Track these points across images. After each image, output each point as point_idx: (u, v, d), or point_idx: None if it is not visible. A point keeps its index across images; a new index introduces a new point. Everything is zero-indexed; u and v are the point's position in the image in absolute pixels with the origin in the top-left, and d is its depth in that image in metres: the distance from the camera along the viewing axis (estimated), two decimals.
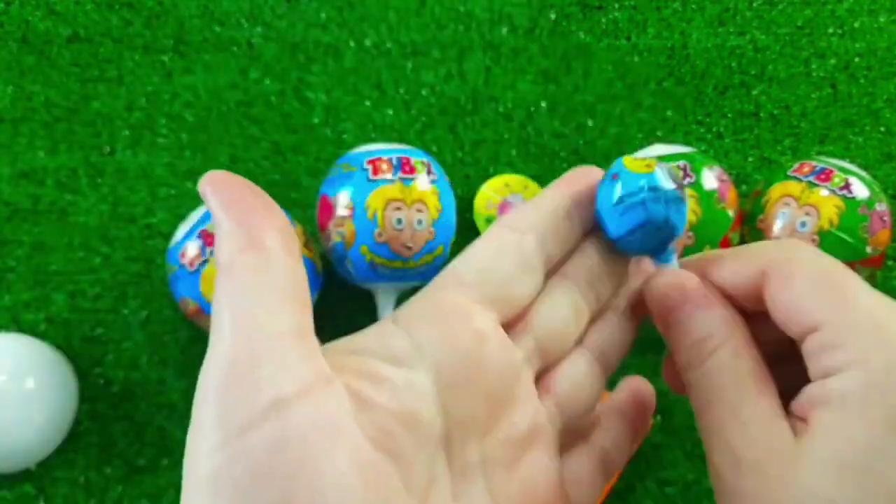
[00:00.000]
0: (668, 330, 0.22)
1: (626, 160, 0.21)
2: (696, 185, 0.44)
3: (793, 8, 0.59)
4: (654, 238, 0.21)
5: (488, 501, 0.19)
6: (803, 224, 0.45)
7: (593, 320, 0.24)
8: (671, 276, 0.22)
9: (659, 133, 0.56)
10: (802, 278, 0.19)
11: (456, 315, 0.20)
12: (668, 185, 0.21)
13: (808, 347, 0.19)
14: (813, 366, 0.19)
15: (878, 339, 0.18)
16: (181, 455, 0.18)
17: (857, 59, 0.58)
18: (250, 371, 0.16)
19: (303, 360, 0.17)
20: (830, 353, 0.18)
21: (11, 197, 0.53)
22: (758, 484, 0.18)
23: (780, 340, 0.21)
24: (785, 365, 0.21)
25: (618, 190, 0.21)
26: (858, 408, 0.17)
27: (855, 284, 0.19)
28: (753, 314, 0.21)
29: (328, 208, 0.46)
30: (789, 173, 0.47)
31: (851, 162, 0.54)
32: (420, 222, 0.45)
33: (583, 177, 0.23)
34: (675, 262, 0.22)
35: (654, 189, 0.20)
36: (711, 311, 0.21)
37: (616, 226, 0.21)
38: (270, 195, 0.57)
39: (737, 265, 0.21)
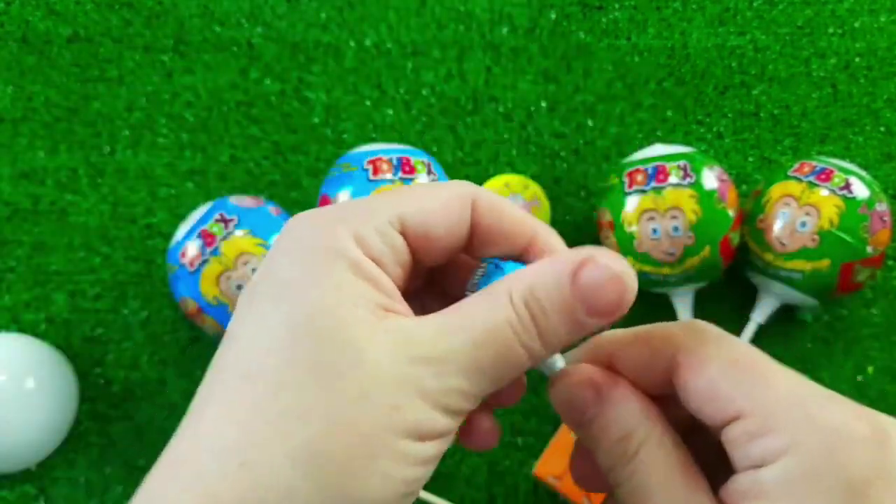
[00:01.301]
0: (583, 430, 0.21)
1: None
2: (697, 185, 0.44)
3: (793, 8, 0.59)
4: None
5: None
6: (803, 224, 0.45)
7: None
8: (578, 375, 0.21)
9: (659, 133, 0.56)
10: (716, 365, 0.19)
11: None
12: None
13: (731, 436, 0.18)
14: (738, 454, 0.18)
15: (806, 422, 0.17)
16: None
17: (857, 59, 0.58)
18: None
19: None
20: (758, 442, 0.18)
21: (11, 197, 0.53)
22: None
23: (685, 418, 0.20)
24: (693, 436, 0.20)
25: None
26: (798, 499, 0.17)
27: (771, 367, 0.19)
28: (657, 396, 0.21)
29: None
30: (789, 173, 0.47)
31: (852, 162, 0.54)
32: None
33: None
34: (559, 361, 0.21)
35: None
36: (628, 406, 0.20)
37: None
38: (271, 195, 0.57)
39: (643, 354, 0.21)
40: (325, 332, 0.17)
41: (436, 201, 0.20)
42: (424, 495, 0.46)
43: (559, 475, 0.44)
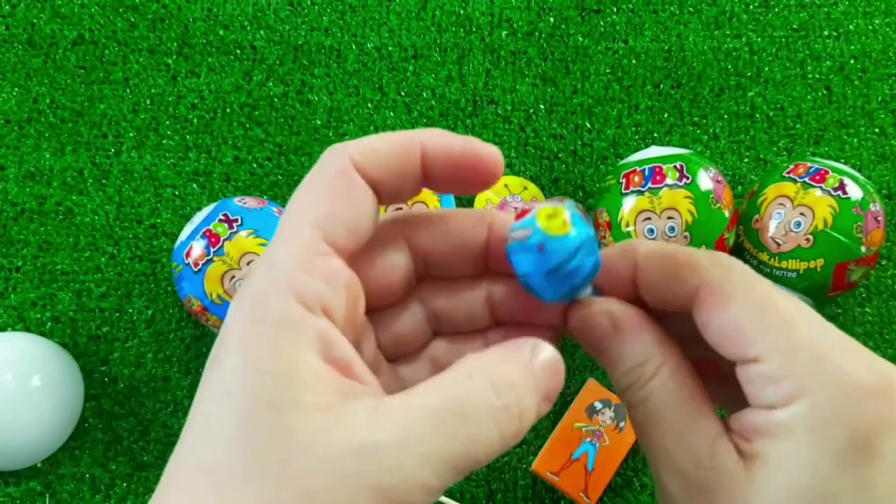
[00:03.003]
0: (601, 355, 0.21)
1: (542, 222, 0.20)
2: (693, 186, 0.45)
3: (788, 11, 0.60)
4: (583, 284, 0.20)
5: None
6: (798, 224, 0.45)
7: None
8: (596, 304, 0.21)
9: (656, 135, 0.56)
10: (740, 303, 0.19)
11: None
12: (585, 230, 0.20)
13: (747, 376, 0.19)
14: (753, 393, 0.19)
15: (820, 373, 0.18)
16: None
17: (851, 62, 0.58)
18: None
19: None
20: (774, 387, 0.18)
21: (18, 197, 0.53)
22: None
23: (693, 334, 0.20)
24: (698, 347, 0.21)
25: (548, 260, 0.20)
26: (807, 441, 0.17)
27: (794, 311, 0.19)
28: (672, 320, 0.21)
29: None
30: (784, 174, 0.47)
31: (846, 163, 0.55)
32: None
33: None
34: (589, 290, 0.21)
35: (580, 247, 0.20)
36: (644, 336, 0.20)
37: (552, 291, 0.20)
38: (274, 196, 0.57)
39: (666, 275, 0.20)
40: (263, 435, 0.16)
41: (330, 198, 0.19)
42: None
43: (557, 471, 0.45)
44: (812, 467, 0.17)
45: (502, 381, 0.18)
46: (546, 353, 0.19)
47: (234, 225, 0.44)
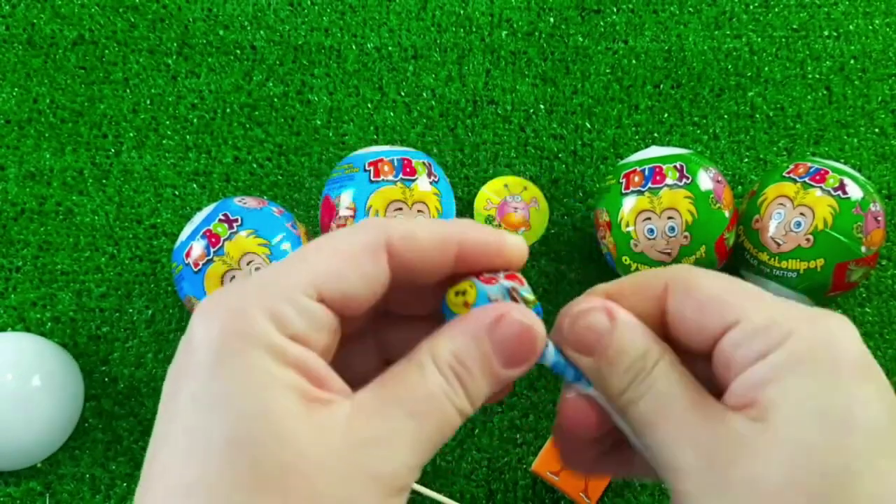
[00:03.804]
0: (599, 356, 0.21)
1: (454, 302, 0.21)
2: (693, 187, 0.45)
3: (788, 11, 0.60)
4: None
5: None
6: (798, 224, 0.45)
7: None
8: (593, 303, 0.21)
9: (656, 135, 0.56)
10: (710, 280, 0.20)
11: None
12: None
13: (732, 341, 0.19)
14: (742, 354, 0.19)
15: (800, 318, 0.19)
16: None
17: (851, 62, 0.58)
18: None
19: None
20: (764, 336, 0.19)
21: (18, 197, 0.53)
22: (739, 472, 0.18)
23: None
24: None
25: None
26: (815, 366, 0.18)
27: (757, 287, 0.20)
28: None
29: (331, 209, 0.47)
30: (784, 174, 0.48)
31: (846, 163, 0.55)
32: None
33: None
34: (550, 349, 0.22)
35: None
36: (641, 329, 0.21)
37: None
38: (273, 196, 0.58)
39: (638, 291, 0.22)
40: (262, 441, 0.17)
41: (346, 261, 0.19)
42: (425, 492, 0.46)
43: (557, 471, 0.45)
44: (826, 390, 0.18)
45: (450, 362, 0.19)
46: (507, 324, 0.20)
47: (234, 225, 0.44)
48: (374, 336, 0.23)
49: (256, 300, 0.18)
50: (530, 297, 0.21)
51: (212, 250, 0.44)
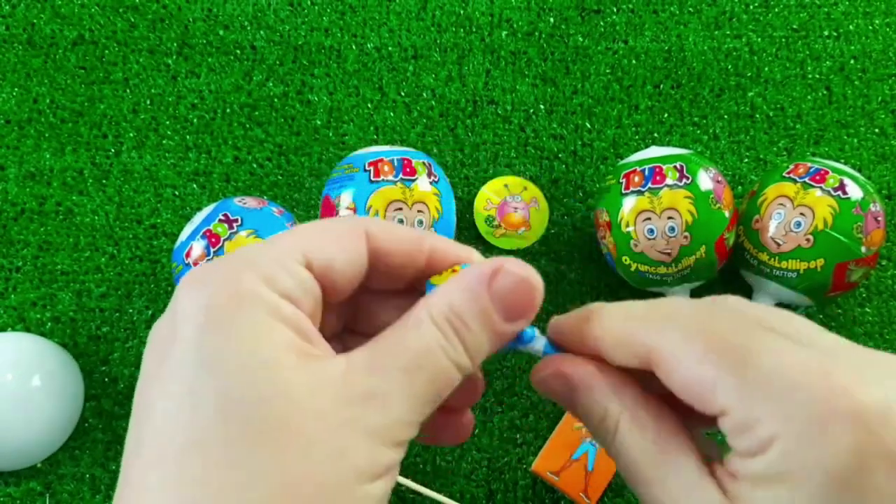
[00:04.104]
0: (571, 411, 0.22)
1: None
2: (693, 186, 0.45)
3: (788, 11, 0.60)
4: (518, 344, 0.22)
5: None
6: (798, 224, 0.45)
7: None
8: (550, 366, 0.21)
9: (656, 135, 0.56)
10: (687, 361, 0.18)
11: None
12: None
13: (723, 428, 0.18)
14: (733, 442, 0.18)
15: (788, 407, 0.17)
16: None
17: (851, 62, 0.58)
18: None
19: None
20: (748, 435, 0.17)
21: (18, 197, 0.53)
22: None
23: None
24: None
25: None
26: (787, 490, 0.17)
27: (746, 339, 0.18)
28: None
29: (330, 209, 0.47)
30: (784, 174, 0.48)
31: (846, 163, 0.55)
32: (421, 223, 0.46)
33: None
34: (538, 337, 0.22)
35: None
36: (598, 391, 0.20)
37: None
38: (274, 196, 0.57)
39: (619, 350, 0.20)
40: (257, 393, 0.17)
41: (332, 234, 0.20)
42: (425, 492, 0.46)
43: (557, 471, 0.45)
44: None
45: (447, 315, 0.19)
46: (505, 275, 0.19)
47: (234, 225, 0.44)
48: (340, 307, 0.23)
49: (246, 265, 0.18)
50: None
51: (212, 250, 0.44)
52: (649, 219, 0.45)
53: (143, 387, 0.18)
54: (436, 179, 0.48)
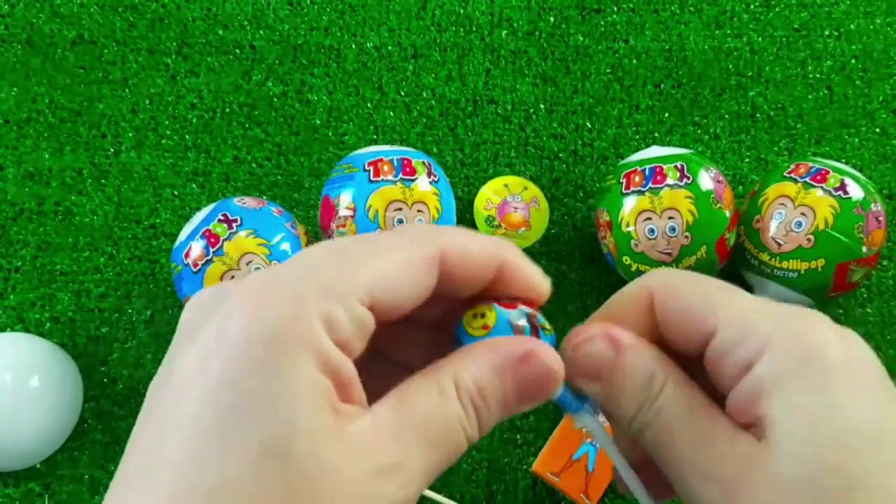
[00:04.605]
0: (607, 383, 0.21)
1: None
2: (693, 186, 0.45)
3: (789, 10, 0.60)
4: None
5: None
6: (799, 224, 0.45)
7: None
8: (593, 331, 0.22)
9: (656, 134, 0.56)
10: (683, 288, 0.21)
11: None
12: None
13: (717, 350, 0.20)
14: (728, 364, 0.20)
15: (774, 320, 0.19)
16: None
17: (853, 61, 0.58)
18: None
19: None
20: (741, 347, 0.19)
21: (17, 197, 0.53)
22: (750, 499, 0.18)
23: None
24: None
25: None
26: (793, 387, 0.18)
27: (729, 287, 0.21)
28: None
29: (330, 209, 0.47)
30: (785, 174, 0.47)
31: (847, 163, 0.55)
32: (420, 223, 0.46)
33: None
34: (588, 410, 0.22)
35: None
36: (645, 352, 0.21)
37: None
38: (273, 196, 0.57)
39: (626, 308, 0.22)
40: (294, 456, 0.16)
41: (404, 261, 0.19)
42: (425, 492, 0.46)
43: (558, 472, 0.45)
44: (817, 402, 0.18)
45: (471, 392, 0.19)
46: (534, 364, 0.20)
47: (234, 225, 0.44)
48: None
49: (314, 297, 0.17)
50: (547, 325, 0.21)
51: (211, 250, 0.44)
52: (650, 219, 0.45)
53: (164, 390, 0.17)
54: (436, 179, 0.47)
